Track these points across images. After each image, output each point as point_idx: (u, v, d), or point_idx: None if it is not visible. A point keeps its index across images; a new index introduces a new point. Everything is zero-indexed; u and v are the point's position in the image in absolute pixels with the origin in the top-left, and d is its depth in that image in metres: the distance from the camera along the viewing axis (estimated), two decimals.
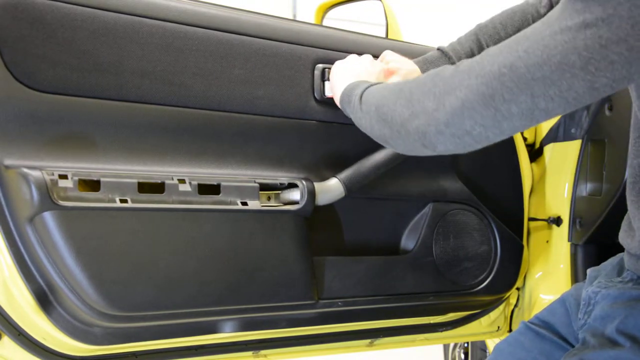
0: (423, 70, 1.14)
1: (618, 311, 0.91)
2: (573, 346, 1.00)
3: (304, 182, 1.12)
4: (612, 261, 1.06)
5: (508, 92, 0.72)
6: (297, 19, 5.64)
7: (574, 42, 0.67)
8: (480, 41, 1.15)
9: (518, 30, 1.14)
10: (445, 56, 1.15)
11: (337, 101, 1.06)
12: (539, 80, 0.70)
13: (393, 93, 0.87)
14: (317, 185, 1.13)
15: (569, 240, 1.46)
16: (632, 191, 0.94)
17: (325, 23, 1.82)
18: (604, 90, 0.69)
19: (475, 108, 0.74)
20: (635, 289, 0.93)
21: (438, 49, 1.17)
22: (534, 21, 1.14)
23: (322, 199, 1.14)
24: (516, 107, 0.72)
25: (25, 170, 0.90)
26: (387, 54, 1.15)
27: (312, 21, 1.82)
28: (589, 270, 1.08)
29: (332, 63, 1.16)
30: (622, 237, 0.99)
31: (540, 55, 0.69)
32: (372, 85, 0.96)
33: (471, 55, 1.14)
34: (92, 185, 0.96)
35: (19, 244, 0.94)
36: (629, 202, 0.96)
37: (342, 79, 1.06)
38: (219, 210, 1.04)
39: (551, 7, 1.13)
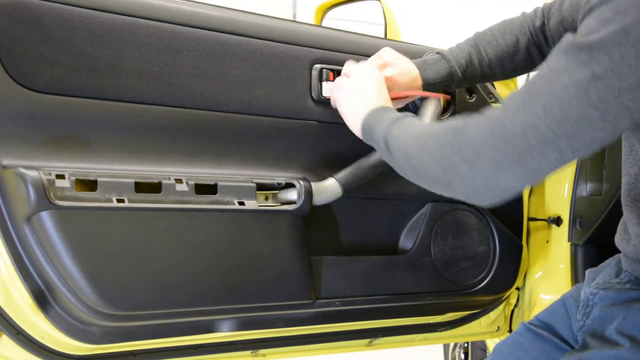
0: (421, 71, 1.14)
1: (617, 312, 0.92)
2: (573, 347, 1.00)
3: (301, 182, 1.12)
4: (610, 262, 1.06)
5: (535, 150, 0.74)
6: (297, 19, 5.64)
7: (587, 95, 0.69)
8: (478, 47, 1.16)
9: (516, 38, 1.15)
10: (444, 59, 1.15)
11: (358, 135, 1.03)
12: (562, 137, 0.72)
13: (417, 147, 0.87)
14: (315, 185, 1.13)
15: (569, 240, 1.46)
16: (627, 197, 0.95)
17: (325, 23, 1.83)
18: (625, 129, 0.73)
19: (507, 169, 0.76)
20: (633, 290, 0.94)
21: (438, 52, 1.17)
22: (530, 31, 1.15)
23: (319, 199, 1.14)
24: (545, 162, 0.75)
25: (22, 170, 0.90)
26: (384, 51, 1.15)
27: (312, 21, 1.82)
28: (587, 271, 1.08)
29: (330, 63, 1.16)
30: (618, 241, 0.99)
31: (559, 113, 0.71)
32: (392, 124, 0.93)
33: (469, 59, 1.15)
34: (89, 185, 0.96)
35: (17, 243, 0.95)
36: (624, 207, 0.96)
37: (353, 108, 1.04)
38: (216, 210, 1.04)
39: (544, 19, 1.14)
